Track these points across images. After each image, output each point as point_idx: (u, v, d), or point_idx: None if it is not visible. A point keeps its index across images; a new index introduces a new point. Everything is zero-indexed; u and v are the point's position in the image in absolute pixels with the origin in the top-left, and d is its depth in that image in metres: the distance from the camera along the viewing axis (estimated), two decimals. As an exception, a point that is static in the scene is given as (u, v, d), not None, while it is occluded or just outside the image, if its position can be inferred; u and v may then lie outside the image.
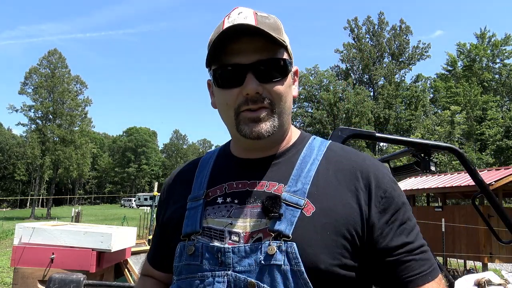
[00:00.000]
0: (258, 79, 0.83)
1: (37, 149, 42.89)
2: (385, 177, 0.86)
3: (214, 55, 0.85)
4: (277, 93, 0.85)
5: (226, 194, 0.87)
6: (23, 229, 3.25)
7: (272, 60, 0.84)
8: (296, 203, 0.80)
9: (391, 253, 0.80)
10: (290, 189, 0.83)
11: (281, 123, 0.87)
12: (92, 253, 3.15)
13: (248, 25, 0.81)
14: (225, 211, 0.84)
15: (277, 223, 0.78)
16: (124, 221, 22.89)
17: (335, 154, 0.90)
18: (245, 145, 0.91)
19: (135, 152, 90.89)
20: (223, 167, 0.95)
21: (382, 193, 0.83)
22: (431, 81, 45.96)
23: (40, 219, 35.94)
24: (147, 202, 55.05)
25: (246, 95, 0.83)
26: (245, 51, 0.83)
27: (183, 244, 0.86)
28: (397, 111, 43.44)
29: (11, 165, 72.31)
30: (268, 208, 0.79)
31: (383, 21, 45.46)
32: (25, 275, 3.11)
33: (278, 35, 0.83)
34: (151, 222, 8.87)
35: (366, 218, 0.81)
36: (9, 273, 9.41)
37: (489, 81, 40.70)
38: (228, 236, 0.81)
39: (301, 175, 0.85)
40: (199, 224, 0.85)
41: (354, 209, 0.81)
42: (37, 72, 44.72)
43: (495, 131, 34.21)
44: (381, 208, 0.82)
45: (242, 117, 0.85)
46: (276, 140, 0.90)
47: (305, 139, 0.95)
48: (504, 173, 9.94)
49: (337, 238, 0.78)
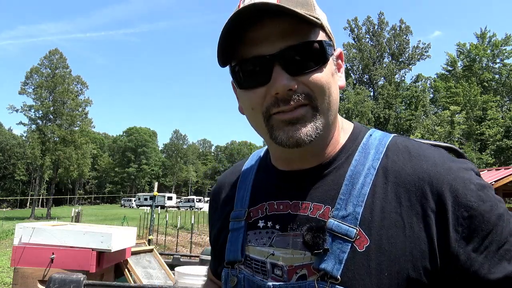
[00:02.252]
0: (289, 71, 0.64)
1: (37, 149, 42.90)
2: (467, 187, 0.63)
3: (228, 48, 0.67)
4: (317, 84, 0.65)
5: (267, 216, 0.75)
6: (23, 229, 3.25)
7: (304, 45, 0.65)
8: (346, 234, 0.64)
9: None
10: (338, 213, 0.66)
11: (326, 124, 0.68)
12: (92, 253, 3.15)
13: (266, 3, 0.61)
14: (266, 238, 0.73)
15: (324, 260, 0.64)
16: (124, 221, 22.88)
17: (397, 158, 0.69)
18: (283, 154, 0.75)
19: (135, 152, 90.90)
20: (263, 181, 0.81)
21: (464, 211, 0.62)
22: (431, 81, 45.97)
23: (40, 219, 35.96)
24: (147, 202, 55.12)
25: (276, 95, 0.65)
26: (268, 37, 0.64)
27: (227, 272, 0.78)
28: (397, 111, 43.43)
29: (11, 165, 72.32)
30: (309, 244, 0.65)
31: (383, 21, 45.45)
32: (25, 275, 3.11)
33: (308, 12, 0.64)
34: (151, 222, 8.88)
35: (443, 250, 0.61)
36: (9, 273, 9.42)
37: (489, 81, 40.70)
38: (270, 270, 0.70)
39: (353, 193, 0.67)
40: (241, 252, 0.76)
41: (422, 239, 0.62)
42: (38, 72, 44.75)
43: (495, 131, 34.20)
44: (466, 232, 0.61)
45: (275, 121, 0.67)
46: (322, 144, 0.72)
47: (359, 138, 0.75)
48: (504, 173, 9.94)
49: (399, 281, 0.61)
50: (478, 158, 31.30)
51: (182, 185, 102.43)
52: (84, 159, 47.64)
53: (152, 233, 10.17)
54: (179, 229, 16.77)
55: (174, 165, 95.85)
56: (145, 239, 7.69)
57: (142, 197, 63.34)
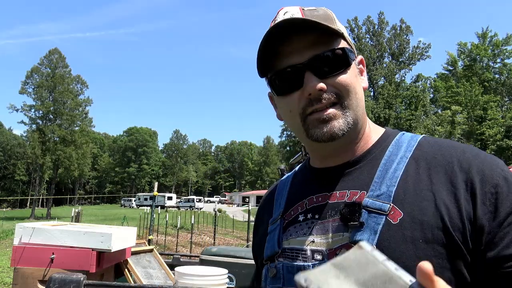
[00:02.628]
0: (318, 76, 0.74)
1: (38, 149, 42.94)
2: (495, 169, 0.69)
3: (264, 62, 0.78)
4: (344, 85, 0.75)
5: (307, 210, 0.80)
6: (23, 229, 3.25)
7: (330, 52, 0.75)
8: (380, 208, 0.69)
9: (506, 264, 0.64)
10: (373, 193, 0.72)
11: (356, 118, 0.77)
12: (92, 253, 3.15)
13: (294, 19, 0.73)
14: (306, 228, 0.77)
15: (359, 233, 0.69)
16: (124, 221, 22.90)
17: (428, 149, 0.76)
18: (320, 151, 0.82)
19: (136, 152, 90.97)
20: (302, 182, 0.88)
21: (491, 187, 0.67)
22: (431, 81, 46.00)
23: (40, 219, 35.99)
24: (147, 202, 55.10)
25: (309, 96, 0.74)
26: (298, 49, 0.75)
27: (267, 267, 0.81)
28: (397, 111, 43.45)
29: (11, 165, 72.35)
30: (346, 217, 0.71)
31: (383, 21, 45.46)
32: (25, 275, 3.11)
33: (330, 24, 0.75)
34: (151, 222, 8.88)
35: (471, 220, 0.66)
36: (9, 273, 9.42)
37: (489, 81, 40.72)
38: (311, 256, 0.74)
39: (386, 177, 0.73)
40: (278, 244, 0.80)
41: (452, 210, 0.67)
42: (38, 71, 44.78)
43: (495, 131, 34.23)
44: (492, 207, 0.66)
45: (310, 121, 0.76)
46: (353, 139, 0.80)
47: (391, 136, 0.82)
48: (504, 173, 9.96)
49: (434, 246, 0.65)
50: (478, 158, 31.31)
51: (182, 185, 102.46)
52: (84, 159, 47.71)
53: (152, 233, 10.16)
54: (179, 229, 16.77)
55: (174, 165, 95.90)
56: (145, 239, 7.69)
57: (142, 197, 63.36)
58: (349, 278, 0.48)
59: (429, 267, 0.43)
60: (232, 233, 22.44)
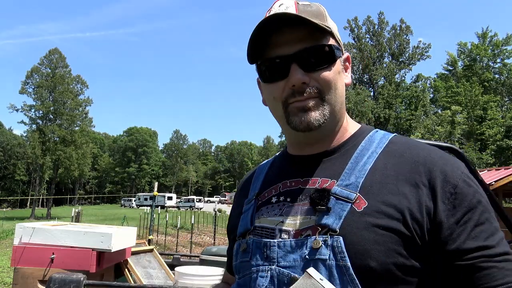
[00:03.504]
0: (303, 68, 0.79)
1: (38, 149, 42.92)
2: (456, 173, 0.75)
3: (255, 50, 0.83)
4: (325, 80, 0.80)
5: (280, 193, 0.86)
6: (23, 229, 3.25)
7: (317, 48, 0.80)
8: (347, 197, 0.75)
9: (464, 257, 0.70)
10: (342, 183, 0.78)
11: (333, 112, 0.83)
12: (92, 253, 3.15)
13: (287, 13, 0.77)
14: (278, 209, 0.83)
15: (325, 217, 0.74)
16: (124, 221, 22.90)
17: (397, 147, 0.82)
18: (297, 139, 0.88)
19: (136, 152, 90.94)
20: (279, 167, 0.94)
21: (451, 188, 0.73)
22: (431, 81, 45.97)
23: (40, 219, 35.98)
24: (147, 202, 55.09)
25: (292, 87, 0.80)
26: (288, 41, 0.80)
27: (239, 243, 0.87)
28: (397, 111, 43.44)
29: (11, 165, 72.35)
30: (315, 201, 0.77)
31: (383, 21, 45.44)
32: (25, 275, 3.11)
33: (321, 22, 0.79)
34: (151, 222, 8.88)
35: (430, 215, 0.72)
36: (9, 273, 9.42)
37: (489, 81, 40.69)
38: (278, 234, 0.79)
39: (356, 169, 0.79)
40: (250, 222, 0.86)
41: (414, 203, 0.72)
42: (38, 71, 44.75)
43: (495, 131, 34.21)
44: (450, 206, 0.72)
45: (291, 108, 0.81)
46: (329, 131, 0.85)
47: (365, 132, 0.88)
48: (504, 173, 9.94)
49: (391, 234, 0.70)
50: (478, 158, 31.30)
51: (182, 185, 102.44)
52: (84, 159, 47.67)
53: (152, 233, 10.17)
54: (179, 229, 16.75)
55: (174, 165, 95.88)
56: (145, 239, 7.69)
57: (142, 197, 63.31)
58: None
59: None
60: (232, 233, 22.37)
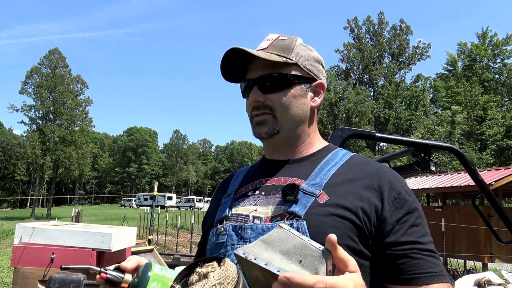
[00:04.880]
0: (261, 90, 0.99)
1: (38, 149, 42.92)
2: (400, 184, 0.93)
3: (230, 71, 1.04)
4: (277, 101, 0.98)
5: (255, 188, 1.01)
6: (23, 229, 3.25)
7: (273, 75, 0.98)
8: (312, 192, 0.91)
9: (399, 246, 0.86)
10: (309, 182, 0.94)
11: (286, 128, 1.00)
12: (92, 253, 3.15)
13: (245, 51, 0.96)
14: (253, 200, 0.98)
15: (293, 206, 0.89)
16: (124, 221, 22.91)
17: (356, 161, 1.00)
18: (265, 145, 1.08)
19: (136, 152, 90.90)
20: (256, 169, 1.11)
21: (395, 194, 0.91)
22: (431, 81, 45.97)
23: (40, 219, 35.98)
24: (147, 202, 55.07)
25: (253, 103, 1.00)
26: (255, 68, 1.00)
27: (215, 229, 1.00)
28: (397, 111, 43.46)
29: (11, 165, 72.35)
30: (286, 192, 0.91)
31: (383, 21, 45.46)
32: (25, 275, 3.11)
33: (284, 54, 0.98)
34: (151, 222, 8.88)
35: (378, 212, 0.88)
36: (9, 273, 9.42)
37: (489, 81, 40.68)
38: (252, 220, 0.93)
39: (321, 173, 0.96)
40: (228, 210, 0.99)
41: (365, 202, 0.89)
42: (38, 71, 44.74)
43: (495, 131, 34.20)
44: (394, 207, 0.89)
45: (253, 121, 1.02)
46: (288, 142, 1.04)
47: (331, 148, 1.07)
48: (504, 173, 9.93)
49: (345, 222, 0.86)
50: (478, 158, 31.29)
51: (182, 185, 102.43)
52: (84, 159, 47.67)
53: (152, 233, 10.17)
54: (179, 229, 16.75)
55: (174, 165, 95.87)
56: (145, 239, 7.69)
57: (142, 197, 63.28)
58: (274, 249, 0.64)
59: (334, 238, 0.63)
60: (232, 233, 22.37)
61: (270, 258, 0.63)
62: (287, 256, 0.63)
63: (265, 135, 1.00)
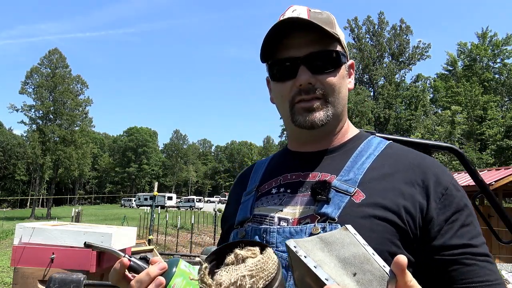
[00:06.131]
0: (311, 70, 0.85)
1: (38, 149, 42.91)
2: (447, 178, 0.82)
3: (268, 51, 0.88)
4: (330, 84, 0.86)
5: (280, 185, 0.90)
6: (23, 229, 3.25)
7: (324, 52, 0.86)
8: (346, 190, 0.80)
9: (449, 251, 0.75)
10: (341, 178, 0.83)
11: (335, 113, 0.88)
12: (92, 253, 3.15)
13: (300, 18, 0.83)
14: (277, 199, 0.87)
15: (324, 206, 0.79)
16: (124, 221, 22.91)
17: (394, 152, 0.88)
18: (300, 136, 0.93)
19: (136, 152, 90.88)
20: (280, 162, 0.98)
21: (442, 189, 0.79)
22: (431, 81, 45.95)
23: (40, 219, 35.96)
24: (147, 202, 55.06)
25: (299, 86, 0.85)
26: (298, 44, 0.85)
27: (236, 231, 0.89)
28: (397, 111, 43.42)
29: (11, 165, 72.33)
30: (316, 191, 0.81)
31: (383, 21, 45.43)
32: (25, 275, 3.11)
33: (330, 28, 0.85)
34: (151, 222, 8.88)
35: (423, 211, 0.77)
36: (9, 273, 9.42)
37: (489, 81, 40.66)
38: (277, 222, 0.82)
39: (355, 167, 0.84)
40: (250, 211, 0.89)
41: (408, 199, 0.78)
42: (38, 71, 44.74)
43: (495, 131, 34.18)
44: (441, 205, 0.78)
45: (297, 108, 0.87)
46: (331, 130, 0.91)
47: (364, 137, 0.95)
48: (504, 173, 9.93)
49: (387, 225, 0.75)
50: (478, 158, 31.27)
51: (182, 185, 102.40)
52: (84, 159, 47.66)
53: (152, 233, 10.17)
54: (179, 229, 16.75)
55: (174, 165, 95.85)
56: (145, 239, 7.70)
57: (142, 197, 63.25)
58: (331, 252, 0.55)
59: (404, 261, 0.52)
60: (232, 233, 22.36)
61: (323, 260, 0.54)
62: (343, 264, 0.54)
63: (319, 123, 0.86)
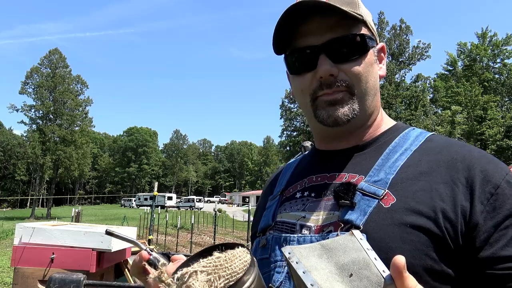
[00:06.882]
0: (332, 59, 0.74)
1: (38, 149, 42.92)
2: (499, 172, 0.67)
3: (281, 39, 0.78)
4: (355, 73, 0.75)
5: (304, 188, 0.81)
6: (23, 229, 3.25)
7: (347, 37, 0.74)
8: (374, 193, 0.69)
9: (500, 265, 0.61)
10: (370, 179, 0.72)
11: (363, 107, 0.77)
12: (92, 253, 3.15)
13: (317, 0, 0.71)
14: (301, 204, 0.78)
15: (349, 212, 0.69)
16: (124, 221, 22.91)
17: (435, 144, 0.75)
18: (325, 133, 0.83)
19: (136, 152, 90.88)
20: (307, 163, 0.90)
21: (491, 188, 0.65)
22: (431, 81, 45.95)
23: (40, 219, 35.95)
24: (147, 202, 55.07)
25: (320, 79, 0.75)
26: (317, 31, 0.74)
27: (258, 240, 0.82)
28: (397, 111, 43.41)
29: (11, 165, 72.33)
30: (339, 195, 0.71)
31: (383, 21, 45.42)
32: (25, 275, 3.12)
33: (352, 9, 0.74)
34: (151, 222, 8.88)
35: (466, 216, 0.64)
36: (9, 273, 9.42)
37: (489, 81, 40.67)
38: (299, 230, 0.74)
39: (386, 165, 0.73)
40: (272, 218, 0.81)
41: (447, 202, 0.65)
42: (38, 71, 44.75)
43: (495, 131, 34.19)
44: (489, 207, 0.64)
45: (319, 102, 0.77)
46: (359, 126, 0.80)
47: (400, 129, 0.82)
48: (504, 173, 9.94)
49: (419, 233, 0.63)
50: (478, 158, 31.25)
51: (182, 185, 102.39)
52: (84, 159, 47.68)
53: (152, 233, 10.17)
54: (179, 229, 16.76)
55: (174, 165, 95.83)
56: (145, 239, 7.70)
57: (142, 197, 63.25)
58: (330, 259, 0.51)
59: (400, 262, 0.44)
60: (232, 233, 22.42)
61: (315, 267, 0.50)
62: (340, 270, 0.50)
63: (345, 119, 0.75)
